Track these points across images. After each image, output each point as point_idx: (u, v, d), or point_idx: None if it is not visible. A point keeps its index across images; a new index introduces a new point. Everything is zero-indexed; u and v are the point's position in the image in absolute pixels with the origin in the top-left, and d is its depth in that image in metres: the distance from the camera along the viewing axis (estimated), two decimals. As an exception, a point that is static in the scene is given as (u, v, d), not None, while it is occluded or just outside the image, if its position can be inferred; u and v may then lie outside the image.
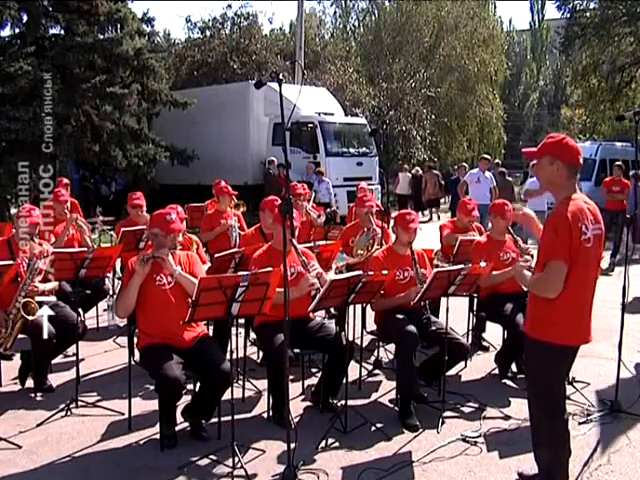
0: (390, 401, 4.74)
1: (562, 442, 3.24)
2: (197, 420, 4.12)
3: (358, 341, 5.19)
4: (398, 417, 4.38)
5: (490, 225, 5.68)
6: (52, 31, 15.84)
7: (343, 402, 4.23)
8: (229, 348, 3.99)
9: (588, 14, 21.55)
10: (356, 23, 33.06)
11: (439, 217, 18.44)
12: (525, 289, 4.23)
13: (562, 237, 2.97)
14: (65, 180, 8.30)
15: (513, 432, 4.21)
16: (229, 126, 17.37)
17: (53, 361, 5.11)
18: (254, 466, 3.73)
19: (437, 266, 5.31)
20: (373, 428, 4.25)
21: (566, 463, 3.26)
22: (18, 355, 5.04)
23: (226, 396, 3.92)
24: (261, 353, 5.12)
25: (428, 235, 4.87)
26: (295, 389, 4.80)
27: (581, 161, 3.12)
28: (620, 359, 4.59)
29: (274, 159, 15.15)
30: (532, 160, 3.10)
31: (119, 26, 15.77)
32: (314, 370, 5.20)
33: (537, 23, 48.79)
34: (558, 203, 3.10)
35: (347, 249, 6.04)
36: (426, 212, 19.15)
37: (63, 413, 4.42)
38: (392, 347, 5.18)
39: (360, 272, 4.18)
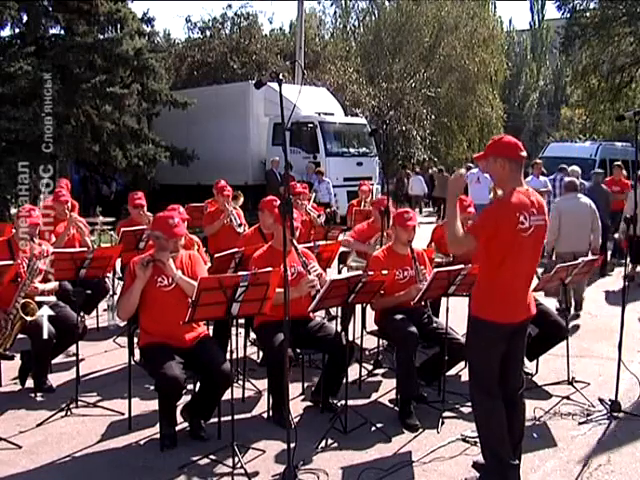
0: (390, 401, 4.74)
1: (501, 421, 3.36)
2: (196, 420, 4.12)
3: (358, 341, 5.19)
4: (398, 417, 4.38)
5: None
6: (52, 31, 15.84)
7: (343, 402, 4.24)
8: (229, 348, 3.99)
9: (588, 14, 21.54)
10: (356, 23, 33.03)
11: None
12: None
13: (493, 221, 3.25)
14: (66, 180, 8.30)
15: (513, 432, 4.21)
16: (229, 126, 17.35)
17: (53, 361, 5.10)
18: (254, 466, 3.73)
19: (438, 265, 5.30)
20: (373, 428, 4.25)
21: (511, 444, 3.39)
22: (18, 355, 5.05)
23: (226, 396, 3.92)
24: (261, 353, 5.12)
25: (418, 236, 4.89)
26: (295, 389, 4.80)
27: (522, 154, 3.33)
28: (620, 359, 4.59)
29: (278, 158, 15.11)
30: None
31: (119, 26, 15.73)
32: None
33: (537, 23, 48.65)
34: (504, 195, 3.35)
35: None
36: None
37: (63, 413, 4.42)
38: (392, 347, 5.18)
39: (360, 272, 4.18)
